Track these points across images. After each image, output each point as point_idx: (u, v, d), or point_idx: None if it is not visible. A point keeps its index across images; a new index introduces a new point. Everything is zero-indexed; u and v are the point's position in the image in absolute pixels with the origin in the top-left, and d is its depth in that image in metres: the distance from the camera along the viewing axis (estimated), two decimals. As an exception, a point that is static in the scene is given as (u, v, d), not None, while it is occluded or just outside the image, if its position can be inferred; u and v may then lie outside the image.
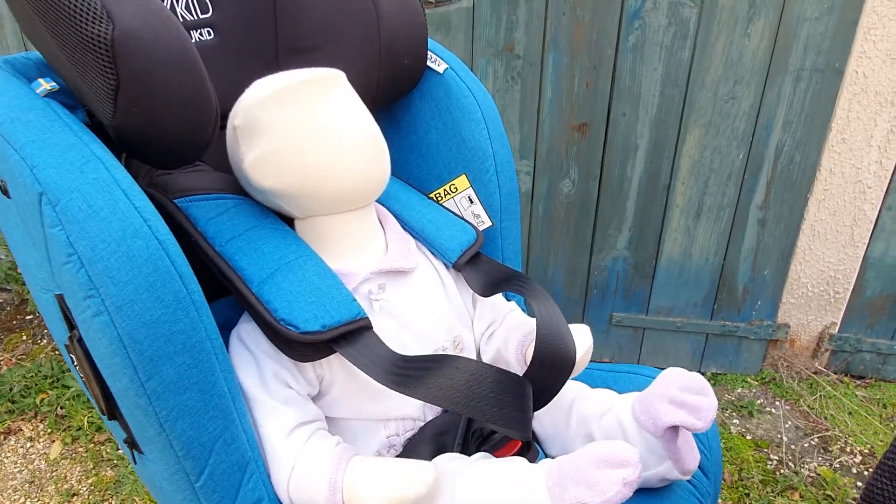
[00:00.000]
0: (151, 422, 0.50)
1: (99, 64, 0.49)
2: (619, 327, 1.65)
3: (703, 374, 1.64)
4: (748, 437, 1.49)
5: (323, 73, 0.59)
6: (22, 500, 1.36)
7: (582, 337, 0.66)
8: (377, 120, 0.65)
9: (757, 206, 1.48)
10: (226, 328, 0.64)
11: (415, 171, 0.83)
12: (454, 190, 0.81)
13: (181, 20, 0.68)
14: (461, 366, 0.58)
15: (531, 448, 0.69)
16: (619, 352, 1.69)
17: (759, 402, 1.59)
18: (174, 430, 0.51)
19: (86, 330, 0.49)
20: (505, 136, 0.81)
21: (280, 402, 0.60)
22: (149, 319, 0.48)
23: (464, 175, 0.79)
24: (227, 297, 0.70)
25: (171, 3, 0.67)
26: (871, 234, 1.48)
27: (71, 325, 0.51)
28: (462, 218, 0.78)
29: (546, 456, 0.74)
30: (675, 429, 0.64)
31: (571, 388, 0.73)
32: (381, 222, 0.71)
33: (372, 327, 0.61)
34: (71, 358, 0.55)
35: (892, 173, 1.41)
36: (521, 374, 0.66)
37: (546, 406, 0.71)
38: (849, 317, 1.59)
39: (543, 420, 0.74)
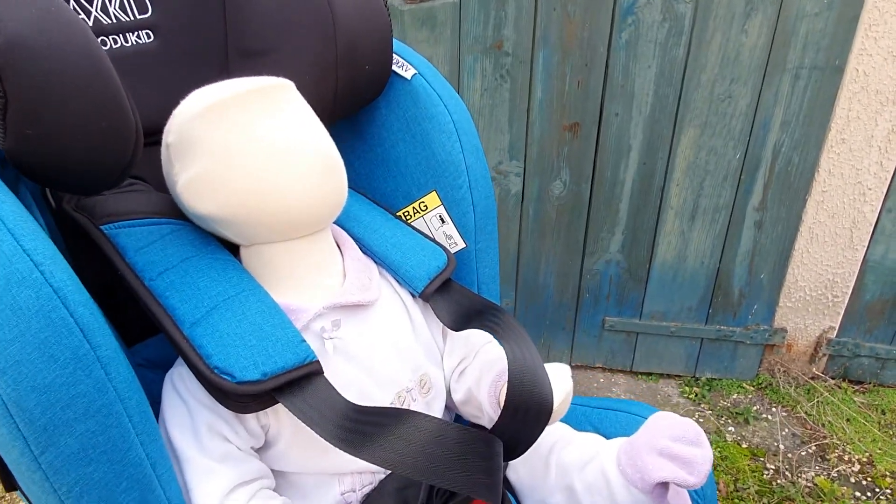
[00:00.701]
0: (51, 498, 0.43)
1: None
2: (612, 332, 1.61)
3: (697, 379, 1.61)
4: (744, 446, 1.45)
5: (266, 83, 0.52)
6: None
7: (560, 380, 0.59)
8: (338, 130, 0.59)
9: (754, 208, 1.43)
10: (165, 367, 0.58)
11: (381, 187, 0.76)
12: (424, 208, 0.74)
13: (113, 21, 0.61)
14: (420, 424, 0.52)
15: (505, 501, 0.63)
16: (612, 357, 1.65)
17: (755, 408, 1.55)
18: None
19: None
20: (480, 150, 0.74)
21: (215, 460, 0.53)
22: (40, 383, 0.40)
23: (434, 192, 0.73)
24: None
25: (103, 2, 0.60)
26: (871, 237, 1.44)
27: None
28: (432, 240, 0.72)
29: None
30: (664, 484, 0.58)
31: (552, 433, 0.67)
32: (338, 246, 0.64)
33: (322, 372, 0.54)
34: None
35: (893, 174, 1.37)
36: (494, 417, 0.62)
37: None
38: (847, 321, 1.55)
39: (519, 469, 0.68)
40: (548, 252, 1.54)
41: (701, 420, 1.53)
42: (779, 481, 1.36)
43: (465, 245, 0.74)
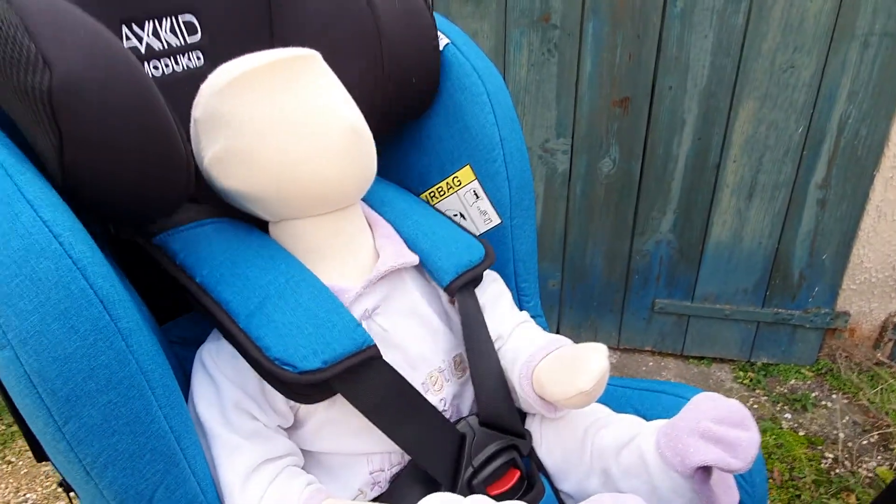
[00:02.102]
0: (76, 468, 0.43)
1: (38, 119, 0.42)
2: (662, 314, 1.56)
3: (753, 364, 1.55)
4: (801, 433, 1.40)
5: (289, 54, 0.50)
6: None
7: (594, 360, 0.56)
8: None
9: (816, 185, 1.36)
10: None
11: (413, 161, 0.74)
12: (457, 183, 0.71)
13: (164, 46, 0.61)
14: (435, 421, 0.56)
15: (536, 484, 0.62)
16: (662, 340, 1.60)
17: (813, 395, 1.49)
18: (103, 477, 0.44)
19: None
20: (516, 122, 0.71)
21: (242, 436, 0.52)
22: (61, 354, 0.40)
23: (468, 166, 0.70)
24: None
25: (154, 27, 0.60)
26: (946, 216, 1.35)
27: None
28: (473, 235, 0.68)
29: (555, 492, 0.65)
30: (707, 468, 0.54)
31: (588, 414, 0.64)
32: (368, 224, 0.63)
33: (380, 356, 0.53)
34: None
35: (973, 148, 1.28)
36: (528, 399, 0.61)
37: (557, 432, 0.64)
38: (917, 305, 1.46)
39: (554, 451, 0.65)
40: (595, 232, 1.50)
41: (756, 406, 1.48)
42: (837, 471, 1.30)
43: (500, 221, 0.72)
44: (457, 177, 0.71)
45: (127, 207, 0.49)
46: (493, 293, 0.68)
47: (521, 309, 0.73)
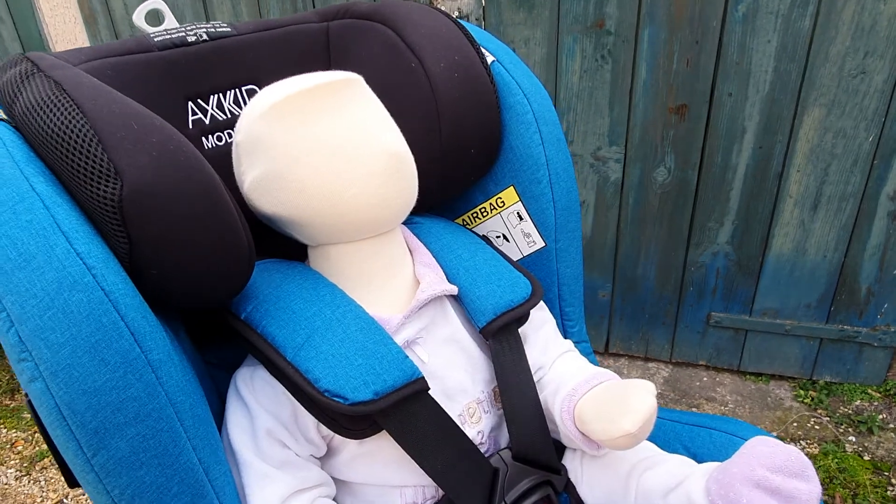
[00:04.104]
0: (104, 499, 0.43)
1: (109, 225, 0.43)
2: (718, 328, 1.51)
3: (814, 382, 1.48)
4: (866, 458, 1.32)
5: (331, 79, 0.50)
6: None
7: (641, 400, 0.53)
8: None
9: (888, 197, 1.28)
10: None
11: None
12: (501, 204, 0.70)
13: (228, 116, 0.62)
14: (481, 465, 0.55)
15: None
16: (717, 355, 1.55)
17: (881, 417, 1.41)
18: None
19: (28, 393, 0.42)
20: (563, 141, 0.69)
21: (274, 465, 0.52)
22: (91, 387, 0.40)
23: (512, 187, 0.68)
24: None
25: (219, 100, 0.61)
26: None
27: None
28: (522, 270, 0.65)
29: None
30: None
31: (633, 451, 0.61)
32: (409, 250, 0.61)
33: (428, 389, 0.52)
34: None
35: None
36: (569, 433, 0.59)
37: (600, 469, 0.61)
38: None
39: (596, 489, 0.62)
40: (648, 242, 1.46)
41: (817, 427, 1.41)
42: (908, 500, 1.23)
43: (544, 244, 0.70)
44: (500, 197, 0.70)
45: (191, 298, 0.50)
46: (537, 321, 0.66)
47: (564, 334, 0.71)
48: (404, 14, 0.63)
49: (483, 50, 0.66)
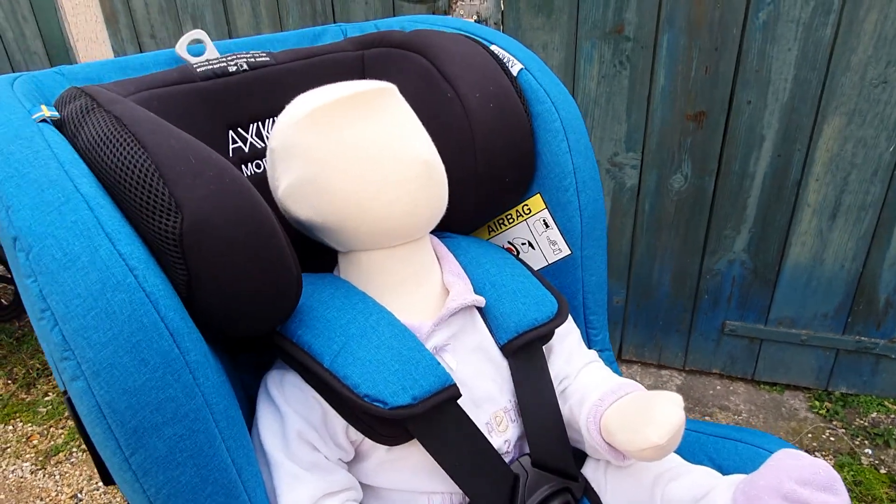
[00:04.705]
0: (140, 498, 0.44)
1: (169, 257, 0.44)
2: (733, 337, 1.50)
3: (829, 393, 1.47)
4: (882, 471, 1.31)
5: (369, 87, 0.51)
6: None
7: (669, 413, 0.52)
8: None
9: (908, 208, 1.27)
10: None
11: None
12: (527, 211, 0.70)
13: (266, 144, 0.63)
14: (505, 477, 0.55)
15: None
16: (732, 363, 1.54)
17: (898, 430, 1.39)
18: None
19: (69, 391, 0.43)
20: (590, 149, 0.69)
21: (303, 467, 0.52)
22: (131, 386, 0.41)
23: (538, 195, 0.69)
24: None
25: (258, 128, 0.63)
26: None
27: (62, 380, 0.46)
28: (549, 286, 0.64)
29: None
30: None
31: (659, 462, 0.60)
32: (437, 258, 0.62)
33: (459, 396, 0.53)
34: None
35: None
36: (595, 444, 0.58)
37: (624, 479, 0.61)
38: None
39: (620, 499, 0.62)
40: (664, 249, 1.45)
41: (833, 439, 1.39)
42: (925, 515, 1.21)
43: (570, 252, 0.70)
44: (527, 205, 0.70)
45: (241, 325, 0.51)
46: (561, 332, 0.66)
47: (588, 342, 0.71)
48: (438, 43, 0.64)
49: (513, 62, 0.67)
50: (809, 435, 1.40)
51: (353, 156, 0.51)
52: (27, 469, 1.45)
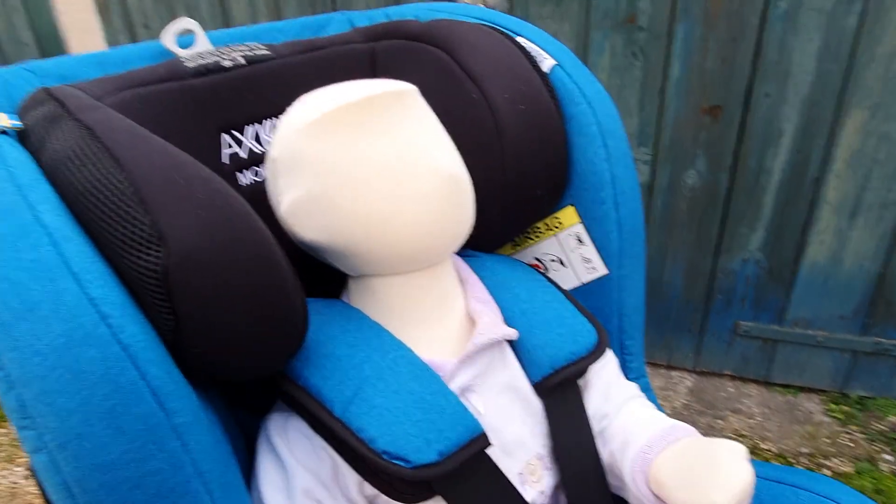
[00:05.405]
0: None
1: (152, 298, 0.37)
2: (746, 338, 1.45)
3: (846, 396, 1.42)
4: (903, 478, 1.27)
5: (387, 89, 0.44)
6: None
7: (737, 469, 0.45)
8: None
9: (932, 205, 1.22)
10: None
11: None
12: (557, 225, 0.62)
13: (266, 148, 0.56)
14: None
15: None
16: (745, 365, 1.49)
17: (917, 434, 1.35)
18: None
19: (32, 464, 0.36)
20: (629, 157, 0.62)
21: None
22: (105, 461, 0.34)
23: (571, 207, 0.61)
24: None
25: (255, 131, 0.56)
26: None
27: None
28: (588, 315, 0.57)
29: None
30: None
31: None
32: (460, 282, 0.55)
33: (489, 445, 0.46)
34: None
35: None
36: (640, 495, 0.51)
37: None
38: None
39: None
40: (676, 247, 1.40)
41: (850, 444, 1.35)
42: (948, 524, 1.17)
43: (606, 271, 0.63)
44: (557, 217, 0.63)
45: (237, 371, 0.44)
46: (597, 363, 0.58)
47: (624, 369, 0.64)
48: (460, 36, 0.57)
49: (544, 58, 0.60)
50: (826, 439, 1.36)
51: (368, 169, 0.44)
52: (20, 474, 1.41)
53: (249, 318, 0.40)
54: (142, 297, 0.38)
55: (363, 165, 0.44)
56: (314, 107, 0.44)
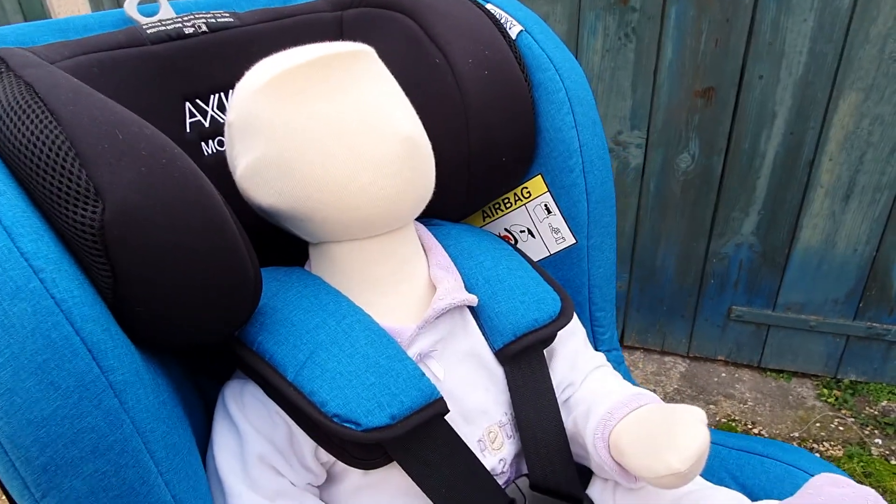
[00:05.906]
0: None
1: (89, 256, 0.36)
2: (739, 322, 1.45)
3: (839, 381, 1.42)
4: (893, 462, 1.27)
5: (342, 49, 0.43)
6: None
7: (690, 434, 0.44)
8: None
9: (926, 189, 1.21)
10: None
11: None
12: (526, 195, 0.62)
13: None
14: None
15: None
16: (738, 350, 1.49)
17: (909, 419, 1.35)
18: None
19: None
20: (598, 124, 0.61)
21: (265, 497, 0.45)
22: (38, 416, 0.33)
23: (539, 176, 0.61)
24: None
25: (220, 100, 0.56)
26: None
27: None
28: (552, 283, 0.57)
29: None
30: None
31: None
32: (423, 249, 0.55)
33: (447, 412, 0.46)
34: None
35: None
36: (602, 462, 0.51)
37: (635, 500, 0.54)
38: None
39: None
40: (669, 231, 1.40)
41: (842, 428, 1.35)
42: (937, 508, 1.17)
43: (574, 241, 0.62)
44: (526, 187, 0.62)
45: (184, 337, 0.43)
46: (564, 332, 0.59)
47: (594, 341, 0.64)
48: (426, 3, 0.57)
49: (512, 24, 0.59)
50: (817, 424, 1.36)
51: (324, 131, 0.44)
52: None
53: (194, 281, 0.39)
54: (79, 254, 0.37)
55: (317, 127, 0.43)
56: (269, 69, 0.44)
